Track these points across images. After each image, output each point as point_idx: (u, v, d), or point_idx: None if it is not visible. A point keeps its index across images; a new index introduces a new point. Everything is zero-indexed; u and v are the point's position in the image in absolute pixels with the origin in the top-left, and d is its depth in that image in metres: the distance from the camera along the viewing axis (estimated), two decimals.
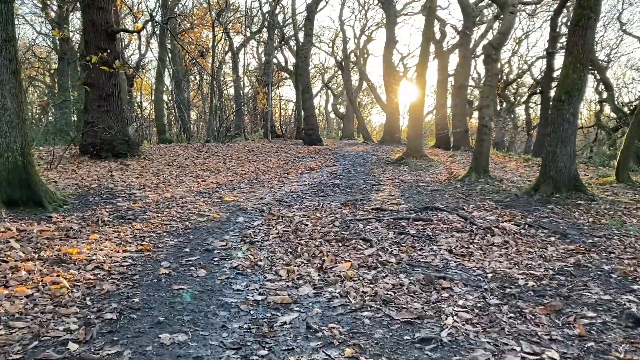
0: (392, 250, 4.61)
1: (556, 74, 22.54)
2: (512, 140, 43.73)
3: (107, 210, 6.59)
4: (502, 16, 25.30)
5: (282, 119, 33.66)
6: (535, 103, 43.26)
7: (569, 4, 19.81)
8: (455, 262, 4.32)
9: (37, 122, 25.83)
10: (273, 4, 31.03)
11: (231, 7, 33.77)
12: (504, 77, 36.18)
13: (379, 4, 36.30)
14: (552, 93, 26.48)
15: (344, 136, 42.48)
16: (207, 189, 9.22)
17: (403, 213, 6.34)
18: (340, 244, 4.91)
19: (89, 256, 4.44)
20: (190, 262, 4.40)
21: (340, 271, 4.04)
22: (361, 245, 4.79)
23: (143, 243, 5.02)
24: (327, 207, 7.18)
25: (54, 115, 24.24)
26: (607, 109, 34.05)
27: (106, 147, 12.75)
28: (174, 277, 4.01)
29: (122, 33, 21.95)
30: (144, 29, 18.34)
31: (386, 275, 3.95)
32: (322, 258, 4.43)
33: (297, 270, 4.10)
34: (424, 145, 27.94)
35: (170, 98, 27.42)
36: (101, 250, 4.70)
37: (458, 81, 23.28)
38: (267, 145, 20.14)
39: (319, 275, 4.01)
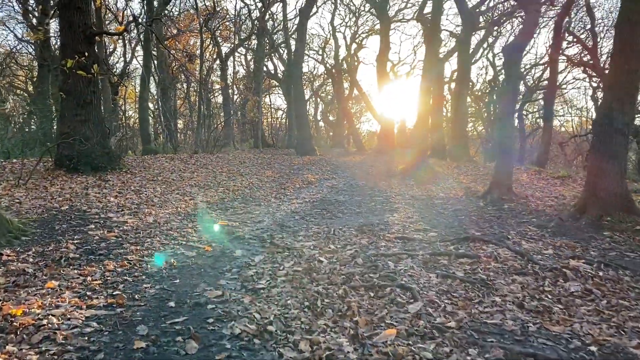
0: (444, 306, 3.50)
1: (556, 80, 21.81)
2: None
3: (75, 242, 5.40)
4: (505, 20, 24.49)
5: (272, 128, 32.53)
6: (527, 111, 42.73)
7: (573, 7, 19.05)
8: (534, 324, 3.22)
9: (18, 131, 24.46)
10: (263, 9, 30.03)
11: (219, 13, 32.72)
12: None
13: (372, 9, 35.54)
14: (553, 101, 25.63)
15: (334, 145, 41.49)
16: (196, 209, 8.05)
17: (438, 245, 5.24)
18: (372, 294, 3.79)
19: (38, 319, 3.27)
20: (176, 328, 3.24)
21: (384, 343, 2.92)
22: (401, 297, 3.67)
23: (115, 293, 3.85)
24: (339, 234, 6.06)
25: (35, 124, 22.91)
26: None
27: (84, 159, 11.51)
28: (153, 356, 2.85)
29: (105, 39, 20.75)
30: (127, 33, 17.15)
31: (451, 351, 2.83)
32: (354, 319, 3.30)
33: (324, 341, 2.97)
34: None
35: (156, 107, 26.13)
36: (58, 307, 3.53)
37: (457, 89, 22.35)
38: (259, 156, 19.00)
39: (355, 349, 2.88)
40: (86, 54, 11.22)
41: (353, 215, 7.77)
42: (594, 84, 29.59)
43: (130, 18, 25.39)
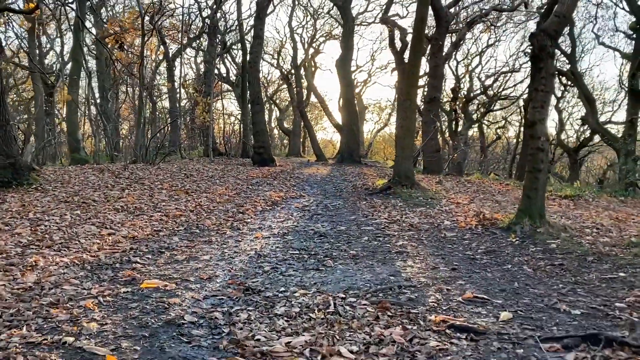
0: None
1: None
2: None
3: None
4: (478, 24, 22.84)
5: (225, 135, 29.74)
6: (489, 121, 41.74)
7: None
8: None
9: None
10: (214, 6, 27.31)
11: (166, 12, 29.78)
12: (465, 92, 34.08)
13: (331, 12, 33.46)
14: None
15: (290, 153, 39.11)
16: (113, 253, 5.41)
17: (538, 352, 2.86)
18: None
19: None
20: None
21: None
22: None
23: None
24: (347, 313, 3.61)
25: None
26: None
27: None
28: None
29: (42, 36, 17.49)
30: (42, 14, 14.12)
31: None
32: None
33: None
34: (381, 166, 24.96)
35: (89, 109, 22.90)
36: None
37: (429, 94, 20.40)
38: (210, 167, 16.27)
39: None
40: None
41: (348, 261, 5.35)
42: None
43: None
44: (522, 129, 31.25)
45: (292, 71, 39.13)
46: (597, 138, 26.47)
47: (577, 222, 7.72)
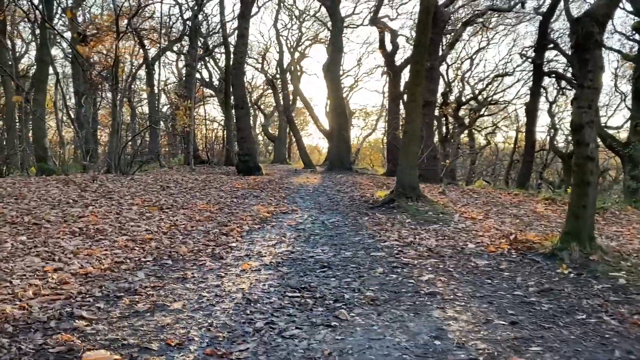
0: None
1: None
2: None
3: None
4: (473, 23, 21.79)
5: (207, 142, 28.27)
6: (479, 126, 40.73)
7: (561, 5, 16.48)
8: None
9: None
10: (196, 8, 25.91)
11: (144, 14, 28.32)
12: (456, 97, 33.10)
13: (323, 9, 32.26)
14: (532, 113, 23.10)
15: (275, 160, 37.78)
16: (53, 301, 4.04)
17: None
18: None
19: None
20: None
21: None
22: None
23: None
24: None
25: None
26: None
27: None
28: None
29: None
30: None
31: None
32: None
33: None
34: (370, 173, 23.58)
35: (57, 114, 21.34)
36: None
37: (424, 98, 19.20)
38: (190, 177, 14.84)
39: None
40: None
41: (368, 310, 4.04)
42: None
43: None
44: (518, 134, 30.32)
45: (277, 75, 37.86)
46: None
47: (623, 243, 6.51)
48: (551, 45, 19.27)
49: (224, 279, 4.94)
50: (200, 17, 27.66)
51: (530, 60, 24.33)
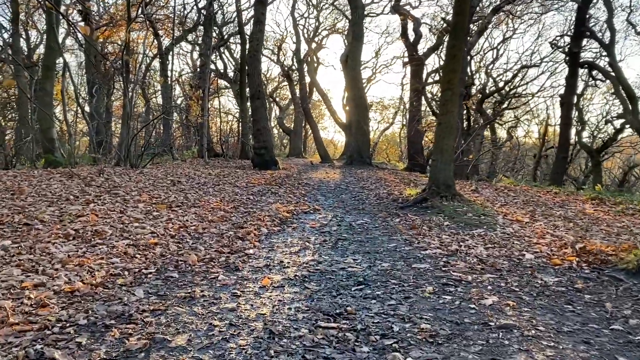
0: None
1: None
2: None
3: None
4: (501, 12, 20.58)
5: (222, 134, 27.43)
6: (503, 121, 39.32)
7: None
8: None
9: None
10: None
11: (159, 3, 27.58)
12: (479, 89, 31.79)
13: (335, 3, 31.23)
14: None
15: (291, 154, 36.90)
16: (22, 333, 3.15)
17: None
18: None
19: None
20: None
21: None
22: None
23: None
24: None
25: None
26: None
27: None
28: None
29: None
30: None
31: None
32: None
33: None
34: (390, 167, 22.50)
35: (65, 104, 20.62)
36: None
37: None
38: (203, 171, 13.97)
39: None
40: None
41: (426, 350, 3.09)
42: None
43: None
44: (549, 128, 29.05)
45: (293, 66, 36.89)
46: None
47: None
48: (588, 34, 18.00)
49: (240, 299, 4.03)
50: (215, 5, 26.80)
51: (561, 49, 23.05)
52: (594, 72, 21.46)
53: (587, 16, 16.68)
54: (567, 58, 19.68)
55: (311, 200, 9.96)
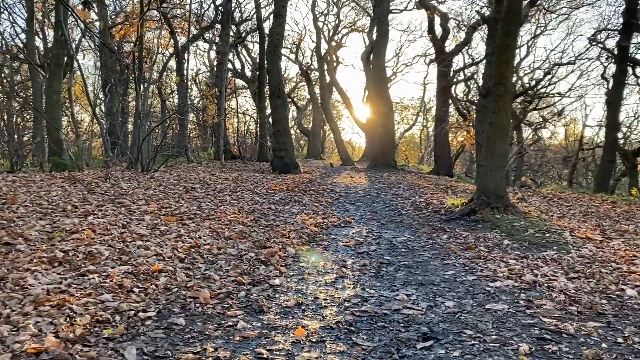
0: None
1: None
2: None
3: None
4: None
5: (239, 135, 26.44)
6: (529, 121, 37.71)
7: None
8: None
9: None
10: None
11: (174, 1, 26.74)
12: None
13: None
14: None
15: (309, 156, 35.86)
16: None
17: None
18: None
19: None
20: None
21: None
22: None
23: None
24: None
25: None
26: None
27: None
28: None
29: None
30: None
31: None
32: None
33: None
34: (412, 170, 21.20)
35: (72, 103, 19.80)
36: None
37: (485, 87, 16.80)
38: (219, 176, 12.91)
39: None
40: None
41: None
42: None
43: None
44: (593, 130, 27.51)
45: (312, 65, 35.85)
46: None
47: None
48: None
49: None
50: (233, 2, 25.86)
51: (600, 46, 21.59)
52: (638, 70, 19.95)
53: (639, 7, 15.29)
54: (610, 54, 18.23)
55: (340, 210, 8.83)
